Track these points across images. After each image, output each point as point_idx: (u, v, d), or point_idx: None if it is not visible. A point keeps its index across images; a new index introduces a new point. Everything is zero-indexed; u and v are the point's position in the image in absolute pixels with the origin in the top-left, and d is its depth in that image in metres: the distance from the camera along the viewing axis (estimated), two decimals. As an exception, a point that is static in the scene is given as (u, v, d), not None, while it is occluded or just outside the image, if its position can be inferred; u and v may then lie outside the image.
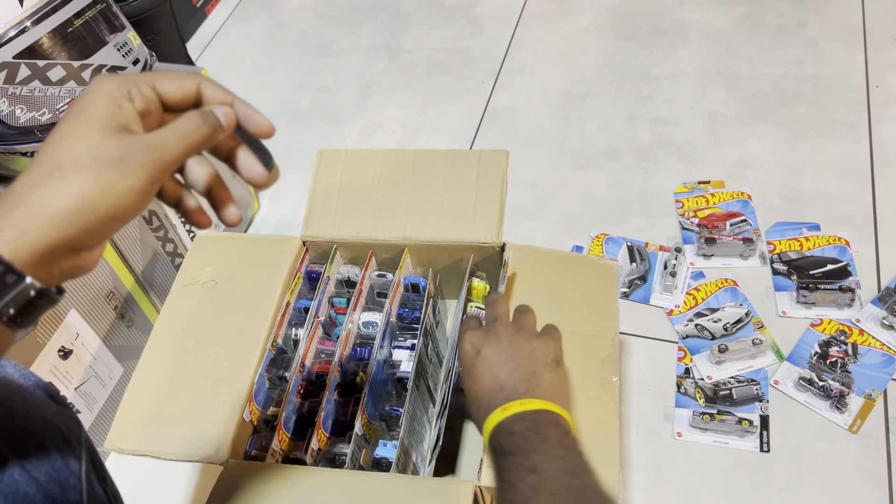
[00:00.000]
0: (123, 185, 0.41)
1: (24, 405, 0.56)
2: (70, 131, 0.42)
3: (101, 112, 0.42)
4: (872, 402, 1.04)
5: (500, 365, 0.68)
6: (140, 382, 0.89)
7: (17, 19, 0.95)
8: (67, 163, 0.41)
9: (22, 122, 1.00)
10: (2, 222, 0.39)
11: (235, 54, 1.82)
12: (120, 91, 0.43)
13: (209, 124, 0.45)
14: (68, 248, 0.41)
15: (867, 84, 1.47)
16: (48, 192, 0.40)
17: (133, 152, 0.41)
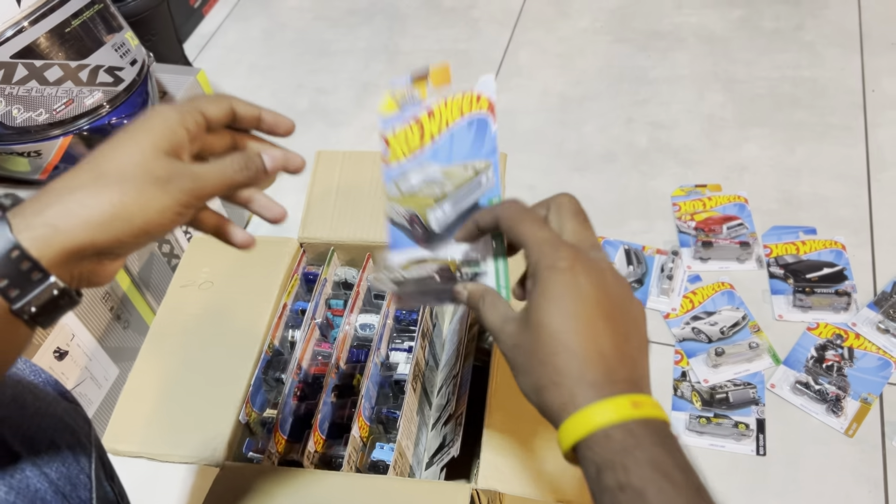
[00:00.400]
0: (162, 202, 0.43)
1: (35, 401, 0.56)
2: (121, 146, 0.44)
3: (156, 133, 0.45)
4: (868, 406, 1.04)
5: (609, 324, 0.44)
6: (136, 384, 0.88)
7: (14, 19, 0.95)
8: (113, 173, 0.43)
9: (19, 122, 1.00)
10: (34, 219, 0.41)
11: (233, 55, 1.82)
12: (177, 118, 0.46)
13: (252, 169, 0.49)
14: (95, 252, 0.42)
15: (863, 88, 1.47)
16: (89, 196, 0.41)
17: (178, 176, 0.44)
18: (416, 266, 0.58)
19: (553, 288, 0.45)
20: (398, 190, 0.59)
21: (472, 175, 0.56)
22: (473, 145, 0.57)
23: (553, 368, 0.44)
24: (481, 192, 0.56)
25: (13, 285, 0.40)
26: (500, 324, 0.49)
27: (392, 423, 0.89)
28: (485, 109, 0.57)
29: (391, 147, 0.60)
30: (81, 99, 1.02)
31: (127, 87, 1.06)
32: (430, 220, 0.58)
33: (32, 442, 0.54)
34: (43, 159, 1.04)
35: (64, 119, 1.02)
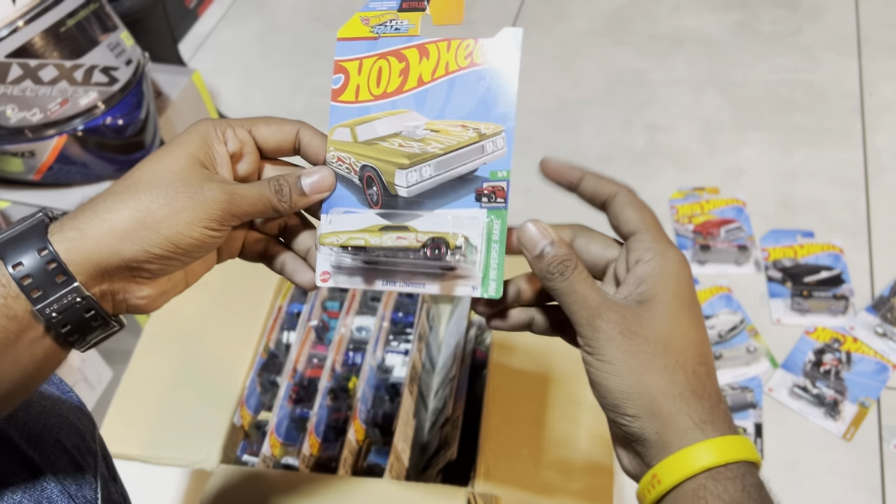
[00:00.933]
0: (192, 213, 0.41)
1: (41, 400, 0.56)
2: (158, 156, 0.43)
3: (192, 145, 0.43)
4: (866, 410, 1.04)
5: (697, 340, 0.42)
6: (130, 386, 0.88)
7: (9, 18, 0.94)
8: (145, 179, 0.41)
9: (13, 122, 0.99)
10: (68, 222, 0.41)
11: (228, 56, 1.82)
12: (215, 132, 0.45)
13: (285, 195, 0.45)
14: (123, 265, 0.41)
15: (861, 92, 1.47)
16: (118, 202, 0.41)
17: (212, 189, 0.42)
18: (391, 233, 0.45)
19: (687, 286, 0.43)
20: (352, 136, 0.48)
21: (475, 138, 0.46)
22: (482, 103, 0.46)
23: (671, 382, 0.39)
24: (483, 161, 0.46)
25: (37, 285, 0.39)
26: (604, 299, 0.42)
27: (388, 426, 0.88)
28: (506, 65, 0.46)
29: (350, 80, 0.48)
30: (76, 99, 1.01)
31: (122, 87, 1.05)
32: (398, 182, 0.46)
33: (38, 441, 0.53)
34: (37, 159, 1.04)
35: (58, 119, 1.01)
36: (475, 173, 0.46)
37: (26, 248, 0.39)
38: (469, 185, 0.46)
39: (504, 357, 0.86)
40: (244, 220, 0.44)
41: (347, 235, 0.45)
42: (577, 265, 0.43)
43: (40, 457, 0.53)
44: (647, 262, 0.43)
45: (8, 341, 0.39)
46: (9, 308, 0.39)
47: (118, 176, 1.13)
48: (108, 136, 1.05)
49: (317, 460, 0.84)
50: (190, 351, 0.90)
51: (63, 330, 0.40)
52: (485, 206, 0.46)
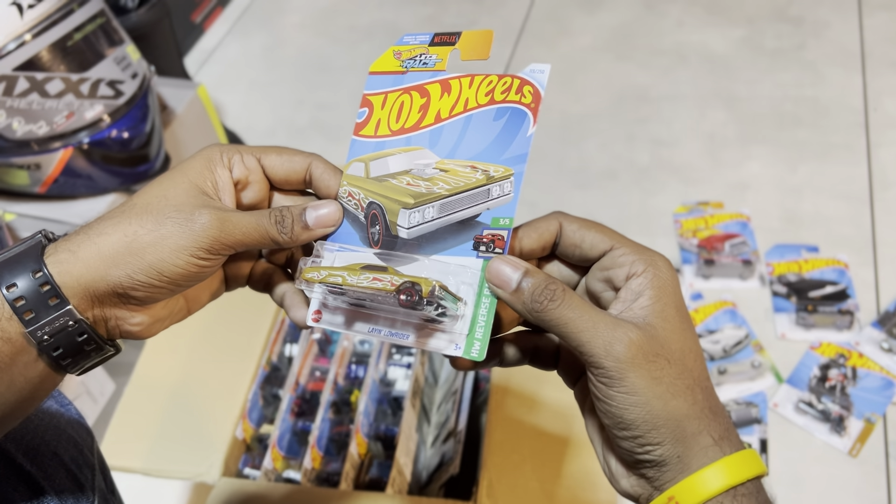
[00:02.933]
0: (178, 240, 0.39)
1: (39, 413, 0.56)
2: (159, 182, 0.42)
3: (193, 171, 0.42)
4: (872, 426, 1.03)
5: (700, 353, 0.40)
6: (132, 399, 0.88)
7: (16, 32, 0.95)
8: (140, 205, 0.41)
9: (19, 135, 0.99)
10: (63, 244, 0.40)
11: (234, 70, 1.83)
12: (220, 157, 0.43)
13: (286, 227, 0.43)
14: (110, 290, 0.40)
15: (865, 107, 1.47)
16: (108, 225, 0.40)
17: (203, 215, 0.40)
18: (367, 273, 0.42)
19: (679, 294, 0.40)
20: (365, 171, 0.45)
21: (482, 181, 0.42)
22: (495, 143, 0.43)
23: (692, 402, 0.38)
24: (486, 206, 0.42)
25: (30, 307, 0.38)
26: (612, 323, 0.38)
27: (390, 439, 0.88)
28: (527, 102, 0.43)
29: (373, 114, 0.46)
30: (82, 112, 1.02)
31: (127, 100, 1.06)
32: (400, 222, 0.43)
33: (36, 454, 0.53)
34: (42, 172, 1.04)
35: (64, 132, 1.02)
36: (478, 219, 0.43)
37: (21, 269, 0.39)
38: (469, 232, 0.42)
39: (506, 372, 0.85)
40: (237, 249, 0.42)
41: (328, 272, 0.42)
42: (564, 288, 0.39)
43: (38, 470, 0.53)
44: (642, 275, 0.40)
45: (3, 364, 0.38)
46: (2, 330, 0.38)
47: (123, 188, 1.13)
48: (113, 149, 1.06)
49: (318, 474, 0.84)
50: (192, 364, 0.89)
51: (55, 353, 0.40)
52: (481, 256, 0.42)
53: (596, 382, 0.38)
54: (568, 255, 0.43)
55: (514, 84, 0.44)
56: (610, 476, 0.42)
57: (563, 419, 0.81)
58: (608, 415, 0.38)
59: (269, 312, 0.93)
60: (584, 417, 0.44)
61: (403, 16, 1.90)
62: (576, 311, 0.38)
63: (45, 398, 0.43)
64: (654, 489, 0.39)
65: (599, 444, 0.43)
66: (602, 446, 0.43)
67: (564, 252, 0.43)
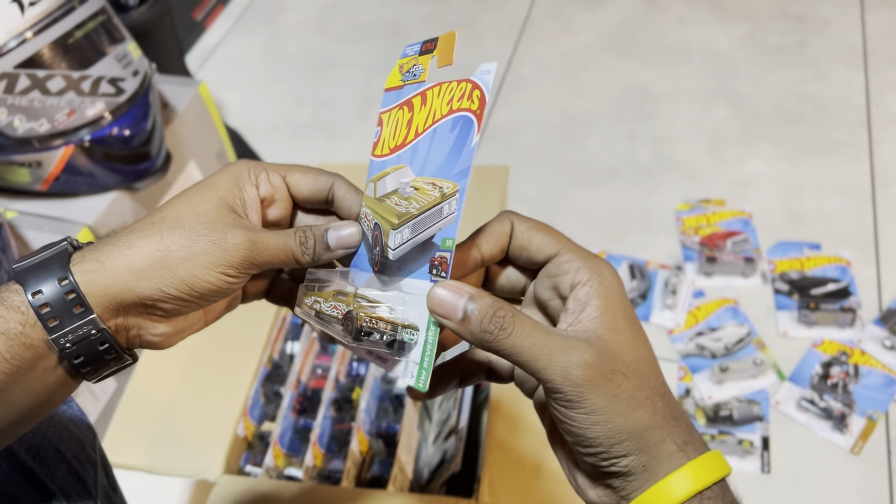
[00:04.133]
0: (211, 258, 0.40)
1: None
2: (187, 196, 0.42)
3: (222, 187, 0.43)
4: (874, 424, 1.03)
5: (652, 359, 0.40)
6: (134, 397, 0.88)
7: (17, 29, 0.95)
8: (171, 219, 0.41)
9: (20, 132, 0.99)
10: (90, 253, 0.40)
11: (235, 68, 1.83)
12: (248, 174, 0.44)
13: (308, 248, 0.43)
14: (138, 301, 0.40)
15: (868, 104, 1.47)
16: (139, 238, 0.40)
17: (236, 235, 0.41)
18: (332, 301, 0.43)
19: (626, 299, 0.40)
20: (374, 191, 0.45)
21: (437, 199, 0.41)
22: (450, 156, 0.41)
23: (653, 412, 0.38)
24: (439, 227, 0.40)
25: (54, 315, 0.39)
26: (566, 344, 0.37)
27: (391, 437, 0.88)
28: (474, 108, 0.40)
29: (382, 133, 0.45)
30: (83, 109, 1.02)
31: (129, 98, 1.06)
32: (389, 243, 0.42)
33: (39, 451, 0.53)
34: (44, 170, 1.04)
35: (65, 129, 1.01)
36: (434, 239, 0.41)
37: (47, 276, 0.39)
38: (427, 254, 0.41)
39: (509, 368, 0.85)
40: (264, 268, 0.43)
41: (314, 298, 0.44)
42: (514, 313, 0.37)
43: (40, 467, 0.53)
44: (587, 284, 0.39)
45: (23, 369, 0.39)
46: (26, 336, 0.38)
47: (124, 186, 1.13)
48: (114, 147, 1.06)
49: (320, 471, 0.84)
50: (194, 361, 0.89)
51: (76, 361, 0.40)
52: (433, 279, 0.40)
53: (555, 405, 0.38)
54: (516, 258, 0.43)
55: (466, 89, 0.41)
56: (577, 488, 0.42)
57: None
58: (570, 433, 0.38)
59: (271, 311, 0.93)
60: (546, 430, 0.44)
61: (405, 13, 1.90)
62: (528, 339, 0.37)
63: (60, 403, 0.43)
64: (621, 498, 0.39)
65: (563, 457, 0.42)
66: (566, 460, 0.42)
67: (513, 254, 0.42)
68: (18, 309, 0.39)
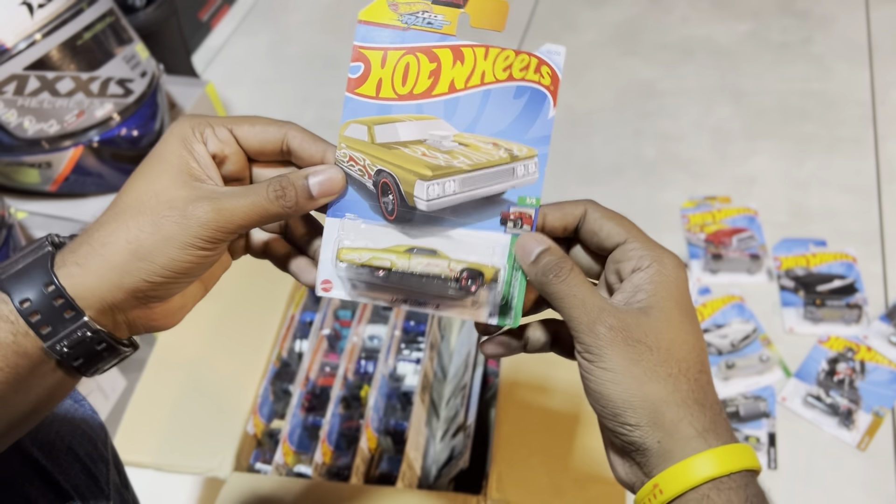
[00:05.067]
0: (182, 238, 0.39)
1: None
2: (142, 173, 0.41)
3: (172, 155, 0.41)
4: (881, 420, 1.03)
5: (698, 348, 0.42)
6: (144, 395, 0.88)
7: (27, 32, 0.95)
8: (131, 205, 0.39)
9: (30, 133, 1.00)
10: (69, 257, 0.39)
11: (240, 68, 1.83)
12: (193, 132, 0.41)
13: (291, 199, 0.41)
14: (129, 296, 0.39)
15: (873, 101, 1.47)
16: (108, 233, 0.39)
17: (197, 207, 0.39)
18: (420, 258, 0.42)
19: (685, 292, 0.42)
20: (369, 135, 0.44)
21: (506, 159, 0.43)
22: (517, 122, 0.43)
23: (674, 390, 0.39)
24: (513, 185, 0.43)
25: (46, 322, 0.38)
26: (605, 304, 0.40)
27: (400, 434, 0.88)
28: (546, 84, 0.43)
29: (371, 72, 0.43)
30: (92, 110, 1.02)
31: (137, 98, 1.06)
32: (418, 193, 0.42)
33: (51, 448, 0.54)
34: (53, 170, 1.05)
35: (75, 130, 1.02)
36: (502, 196, 0.43)
37: (32, 283, 0.38)
38: (494, 207, 0.43)
39: (515, 366, 0.86)
40: (240, 232, 0.41)
41: (371, 254, 0.42)
42: (572, 268, 0.41)
43: (53, 464, 0.53)
44: (646, 270, 0.42)
45: (20, 377, 0.38)
46: (18, 345, 0.38)
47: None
48: (123, 147, 1.07)
49: (329, 468, 0.85)
50: (203, 360, 0.90)
51: (75, 364, 0.40)
52: (510, 232, 0.43)
53: (580, 359, 0.41)
54: (587, 242, 0.45)
55: (531, 63, 0.43)
56: (611, 464, 0.43)
57: (571, 413, 0.81)
58: (590, 391, 0.41)
59: (279, 309, 0.94)
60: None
61: (409, 12, 1.90)
62: (573, 289, 0.41)
63: (60, 402, 0.43)
64: (644, 476, 0.40)
65: (603, 436, 0.44)
66: (604, 438, 0.44)
67: (584, 238, 0.45)
68: (7, 319, 0.38)
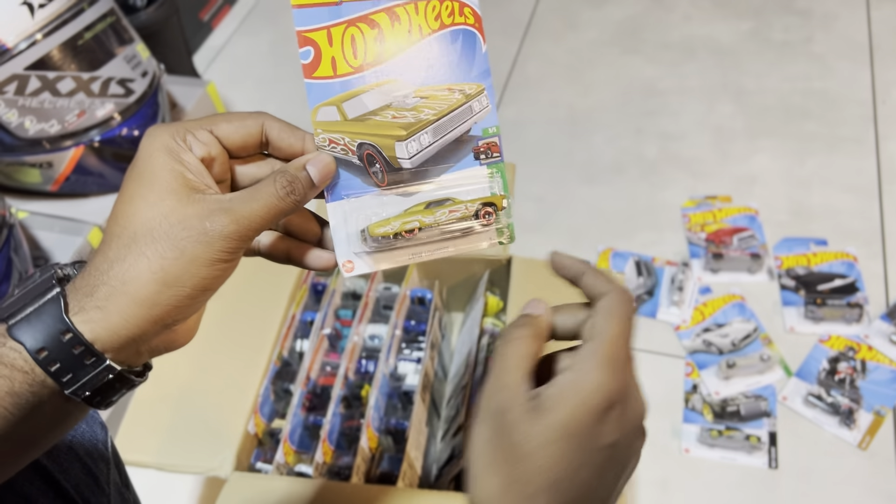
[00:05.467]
0: (207, 256, 0.38)
1: None
2: (138, 196, 0.39)
3: (164, 171, 0.39)
4: (881, 419, 1.03)
5: (565, 475, 0.37)
6: (144, 395, 0.88)
7: (28, 32, 0.96)
8: (142, 234, 0.38)
9: (31, 133, 1.00)
10: (87, 301, 0.37)
11: (241, 68, 1.83)
12: (175, 141, 0.40)
13: (300, 192, 0.41)
14: (159, 327, 0.39)
15: (874, 100, 1.47)
16: (128, 269, 0.37)
17: (215, 221, 0.38)
18: (439, 209, 0.46)
19: (586, 414, 0.37)
20: (340, 114, 0.45)
21: (462, 100, 0.46)
22: (460, 64, 0.46)
23: (522, 470, 0.37)
24: (474, 121, 0.46)
25: (66, 369, 0.37)
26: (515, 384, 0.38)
27: (400, 433, 0.88)
28: (472, 23, 0.46)
29: (322, 53, 0.45)
30: (93, 110, 1.02)
31: (138, 98, 1.07)
32: (399, 154, 0.45)
33: (51, 448, 0.54)
34: (54, 170, 1.05)
35: (76, 130, 1.02)
36: (469, 133, 0.47)
37: (46, 330, 0.37)
38: (466, 146, 0.47)
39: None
40: (259, 234, 0.41)
41: (400, 221, 0.45)
42: (522, 340, 0.40)
43: (53, 464, 0.53)
44: (565, 372, 0.38)
45: (30, 417, 0.37)
46: (35, 395, 0.37)
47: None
48: (124, 147, 1.07)
49: (330, 468, 0.85)
50: (204, 359, 0.90)
51: (94, 401, 0.39)
52: (484, 163, 0.47)
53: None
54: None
55: (454, 7, 0.46)
56: None
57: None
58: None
59: (280, 308, 0.94)
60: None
61: (410, 12, 1.90)
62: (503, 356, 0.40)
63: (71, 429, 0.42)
64: None
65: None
66: None
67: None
68: (22, 369, 0.36)
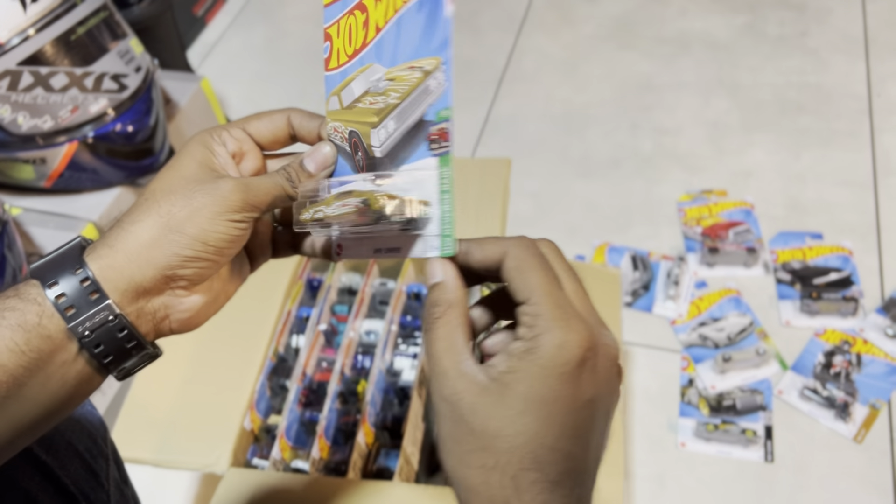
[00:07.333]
0: (213, 208, 0.41)
1: None
2: (169, 168, 0.43)
3: (196, 152, 0.44)
4: (877, 412, 1.03)
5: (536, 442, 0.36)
6: (140, 391, 0.88)
7: (20, 27, 0.95)
8: (161, 189, 0.42)
9: (24, 129, 1.00)
10: (99, 242, 0.41)
11: (236, 63, 1.83)
12: (211, 137, 0.45)
13: (296, 180, 0.45)
14: (159, 275, 0.41)
15: (869, 94, 1.47)
16: (139, 214, 0.41)
17: (227, 182, 0.42)
18: (338, 200, 0.42)
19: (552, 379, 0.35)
20: (339, 103, 0.46)
21: (420, 78, 0.40)
22: (423, 37, 0.40)
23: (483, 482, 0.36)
24: (429, 102, 0.40)
25: (71, 303, 0.39)
26: (453, 367, 0.37)
27: (397, 429, 0.88)
28: None
29: (333, 46, 0.46)
30: (86, 106, 1.02)
31: (131, 94, 1.06)
32: (373, 142, 0.43)
33: (51, 444, 0.54)
34: (48, 166, 1.05)
35: (69, 126, 1.02)
36: (425, 117, 0.41)
37: (62, 269, 0.40)
38: (422, 133, 0.41)
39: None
40: (265, 210, 0.44)
41: (314, 209, 0.43)
42: (450, 309, 0.38)
43: (53, 460, 0.53)
44: (524, 342, 0.36)
45: (40, 362, 0.38)
46: (43, 327, 0.39)
47: (128, 182, 1.14)
48: (117, 143, 1.06)
49: (326, 464, 0.85)
50: (200, 355, 0.90)
51: (96, 350, 0.40)
52: (436, 153, 0.40)
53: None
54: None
55: None
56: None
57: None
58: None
59: (276, 304, 0.94)
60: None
61: (405, 6, 1.90)
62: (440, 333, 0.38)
63: (80, 403, 0.43)
64: None
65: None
66: None
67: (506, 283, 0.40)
68: (35, 301, 0.39)
